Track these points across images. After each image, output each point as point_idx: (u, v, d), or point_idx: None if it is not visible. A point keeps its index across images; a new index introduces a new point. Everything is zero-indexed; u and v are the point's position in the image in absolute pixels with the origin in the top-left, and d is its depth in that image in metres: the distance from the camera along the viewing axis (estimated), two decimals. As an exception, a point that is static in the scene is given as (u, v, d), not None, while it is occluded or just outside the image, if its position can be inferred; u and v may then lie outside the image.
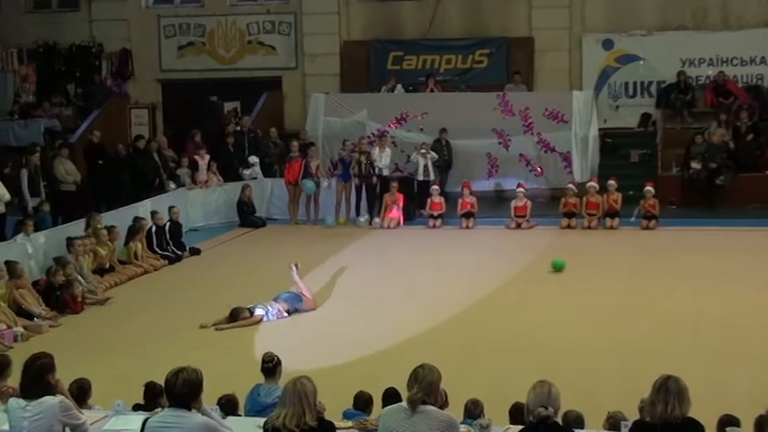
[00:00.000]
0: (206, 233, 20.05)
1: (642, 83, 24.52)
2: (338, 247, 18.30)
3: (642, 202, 19.81)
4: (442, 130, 21.77)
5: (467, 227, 20.06)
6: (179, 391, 5.93)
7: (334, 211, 20.85)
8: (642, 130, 24.11)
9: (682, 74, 23.65)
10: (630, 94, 24.61)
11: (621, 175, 20.86)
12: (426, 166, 21.11)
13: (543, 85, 24.36)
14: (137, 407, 7.80)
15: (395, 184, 20.58)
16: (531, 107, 22.08)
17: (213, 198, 21.10)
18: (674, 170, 22.36)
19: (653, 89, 24.33)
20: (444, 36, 24.90)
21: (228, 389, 8.20)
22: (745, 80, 23.95)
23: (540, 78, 24.58)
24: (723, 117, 22.52)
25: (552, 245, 18.15)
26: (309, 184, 20.63)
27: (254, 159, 21.72)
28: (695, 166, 21.77)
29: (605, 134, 23.04)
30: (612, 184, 20.05)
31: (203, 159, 21.28)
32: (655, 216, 19.61)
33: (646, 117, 24.16)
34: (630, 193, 20.19)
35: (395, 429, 6.02)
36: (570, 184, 20.49)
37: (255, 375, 8.35)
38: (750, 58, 23.92)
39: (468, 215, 20.19)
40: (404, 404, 6.09)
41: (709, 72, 24.01)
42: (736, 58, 23.93)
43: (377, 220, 20.48)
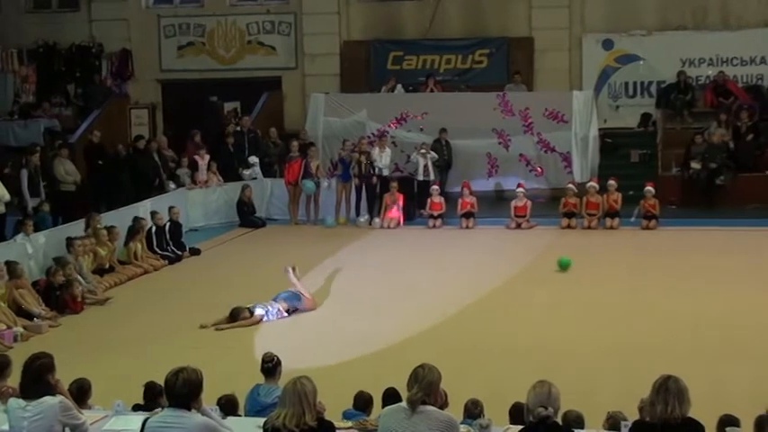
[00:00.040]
0: (206, 233, 20.04)
1: (642, 83, 24.52)
2: (338, 247, 18.30)
3: (642, 202, 19.80)
4: (442, 130, 21.77)
5: (467, 227, 20.04)
6: (179, 391, 5.92)
7: (334, 211, 20.82)
8: (642, 130, 24.11)
9: (682, 74, 23.65)
10: (630, 94, 24.61)
11: (621, 175, 20.85)
12: (426, 166, 21.10)
13: (543, 85, 24.36)
14: (137, 407, 7.80)
15: (395, 184, 20.56)
16: (531, 107, 22.08)
17: (213, 198, 21.09)
18: (674, 170, 22.35)
19: (653, 89, 24.34)
20: (444, 36, 24.90)
21: (228, 389, 8.20)
22: (745, 80, 23.95)
23: (540, 78, 24.57)
24: (723, 117, 22.51)
25: (552, 245, 18.14)
26: (309, 185, 20.61)
27: (253, 159, 21.70)
28: (695, 166, 21.77)
29: (605, 134, 23.04)
30: (612, 184, 20.05)
31: (203, 159, 21.27)
32: (655, 216, 19.60)
33: (646, 117, 24.15)
34: (630, 193, 20.19)
35: (395, 429, 6.01)
36: (570, 184, 20.48)
37: (255, 375, 8.35)
38: (750, 58, 23.93)
39: (468, 215, 20.18)
40: (404, 404, 6.09)
41: (709, 72, 24.02)
42: (736, 58, 23.94)
43: (377, 221, 20.46)
